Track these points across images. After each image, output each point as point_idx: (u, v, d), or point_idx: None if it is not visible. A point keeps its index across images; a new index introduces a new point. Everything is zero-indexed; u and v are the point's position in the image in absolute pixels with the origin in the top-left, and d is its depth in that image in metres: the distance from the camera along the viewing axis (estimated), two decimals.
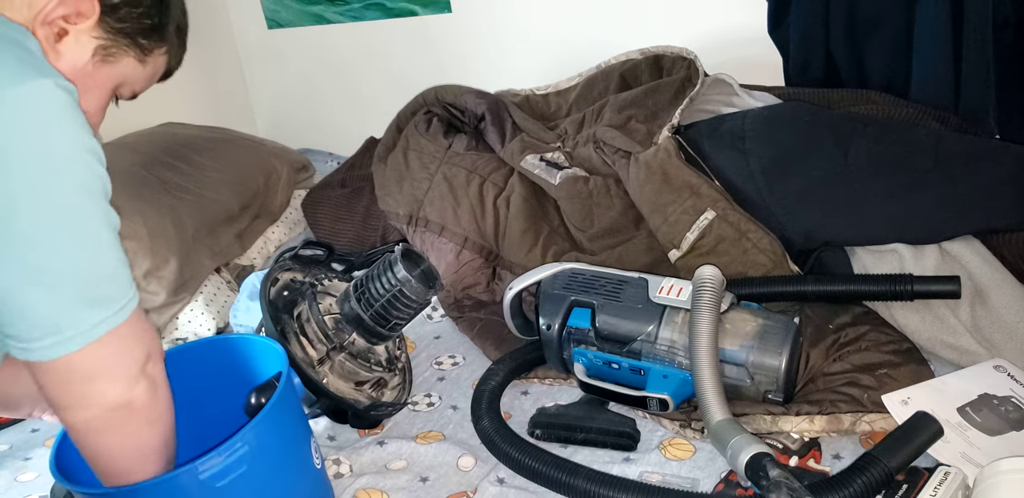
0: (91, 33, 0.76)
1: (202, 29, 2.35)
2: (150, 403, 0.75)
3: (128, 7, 0.77)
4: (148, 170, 1.56)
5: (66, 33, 0.74)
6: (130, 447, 0.75)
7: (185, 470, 0.74)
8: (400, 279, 1.10)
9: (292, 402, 0.90)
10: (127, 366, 0.72)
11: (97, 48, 0.77)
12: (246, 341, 0.99)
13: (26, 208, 0.64)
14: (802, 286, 1.16)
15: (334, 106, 2.41)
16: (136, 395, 0.73)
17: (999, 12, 1.31)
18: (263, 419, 0.80)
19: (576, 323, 1.10)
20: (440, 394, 1.20)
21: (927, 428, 0.88)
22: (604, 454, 1.02)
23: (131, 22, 0.78)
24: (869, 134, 1.24)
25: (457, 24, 2.11)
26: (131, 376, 0.72)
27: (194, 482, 0.75)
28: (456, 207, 1.47)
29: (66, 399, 0.71)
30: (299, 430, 0.90)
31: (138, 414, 0.74)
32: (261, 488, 0.82)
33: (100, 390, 0.71)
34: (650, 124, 1.39)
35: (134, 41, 0.79)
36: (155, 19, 0.80)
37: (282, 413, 0.85)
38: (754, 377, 1.01)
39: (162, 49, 0.84)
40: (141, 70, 0.83)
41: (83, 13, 0.74)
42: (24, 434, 1.22)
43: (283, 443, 0.86)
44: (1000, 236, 1.17)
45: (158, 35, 0.82)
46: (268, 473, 0.82)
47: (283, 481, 0.85)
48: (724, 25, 1.79)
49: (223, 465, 0.76)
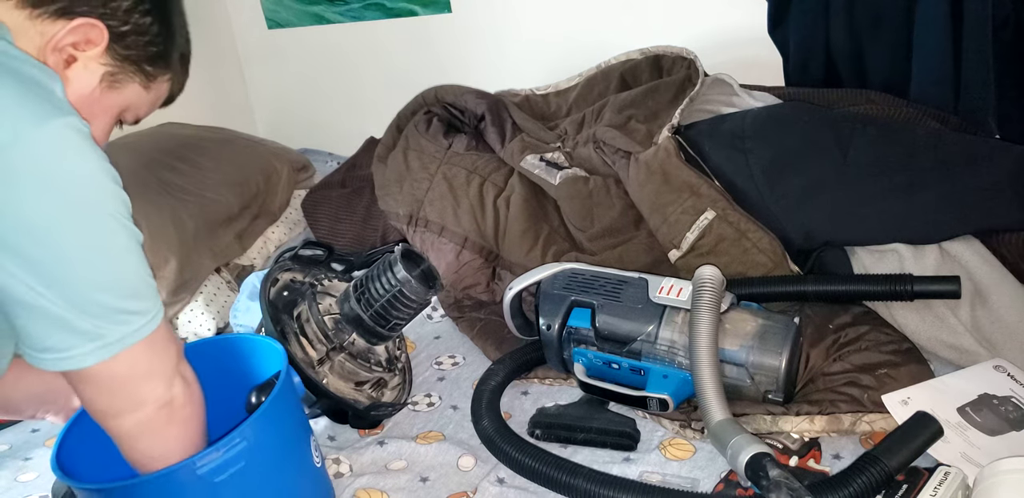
0: (99, 60, 0.78)
1: (202, 29, 2.36)
2: (187, 400, 0.78)
3: (135, 35, 0.79)
4: (148, 170, 1.56)
5: (75, 60, 0.76)
6: (177, 447, 0.78)
7: (183, 465, 0.75)
8: (400, 279, 1.10)
9: (291, 400, 0.90)
10: (165, 366, 0.76)
11: (104, 75, 0.79)
12: (247, 341, 0.99)
13: (69, 233, 0.68)
14: (802, 286, 1.16)
15: (334, 106, 2.41)
16: (175, 394, 0.77)
17: (999, 12, 1.31)
18: (262, 415, 0.81)
19: (576, 323, 1.10)
20: (440, 394, 1.20)
21: (927, 428, 0.88)
22: (604, 454, 1.02)
23: (137, 50, 0.80)
24: (869, 134, 1.24)
25: (457, 24, 2.11)
26: (168, 375, 0.76)
27: (192, 477, 0.76)
28: (456, 207, 1.47)
29: (116, 405, 0.75)
30: (298, 428, 0.90)
31: (178, 412, 0.77)
32: (260, 484, 0.82)
33: (147, 391, 0.75)
34: (650, 124, 1.39)
35: (140, 68, 0.81)
36: (160, 47, 0.83)
37: (281, 410, 0.85)
38: (754, 377, 1.01)
39: (166, 76, 0.86)
40: (145, 96, 0.85)
41: (92, 41, 0.76)
42: (24, 434, 1.22)
43: (282, 440, 0.86)
44: (1000, 236, 1.17)
45: (163, 62, 0.84)
46: (267, 469, 0.82)
47: (282, 478, 0.85)
48: (724, 25, 1.79)
49: (221, 460, 0.77)
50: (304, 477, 0.89)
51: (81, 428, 0.87)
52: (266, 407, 0.82)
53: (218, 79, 2.39)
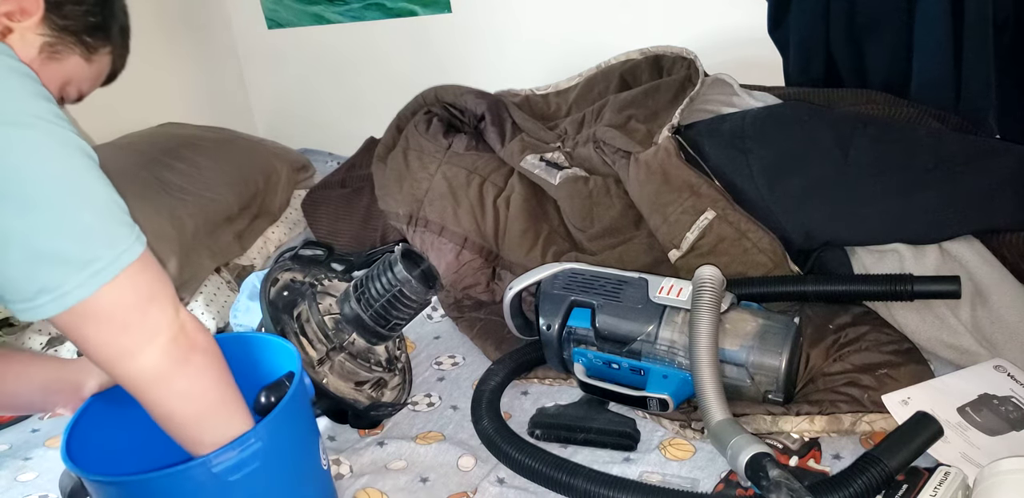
0: (36, 30, 0.77)
1: (202, 29, 2.37)
2: (199, 327, 0.74)
3: (72, 4, 0.79)
4: (148, 170, 1.56)
5: (11, 31, 0.75)
6: (208, 380, 0.74)
7: (199, 463, 0.74)
8: (400, 279, 1.10)
9: (304, 401, 0.89)
10: (167, 288, 0.72)
11: (43, 45, 0.78)
12: (256, 339, 0.98)
13: (27, 167, 0.65)
14: (802, 286, 1.16)
15: (334, 106, 2.41)
16: (184, 319, 0.72)
17: (999, 12, 1.31)
18: (277, 416, 0.80)
19: (576, 323, 1.10)
20: (440, 394, 1.20)
21: (927, 428, 0.87)
22: (604, 454, 1.02)
23: (75, 20, 0.80)
24: (869, 134, 1.24)
25: (457, 24, 2.11)
26: (173, 298, 0.72)
27: (207, 475, 0.74)
28: (456, 207, 1.47)
29: (129, 340, 0.70)
30: (310, 430, 0.90)
31: (195, 337, 0.73)
32: (273, 485, 0.81)
33: (157, 315, 0.70)
34: (650, 124, 1.39)
35: (79, 39, 0.81)
36: (99, 17, 0.82)
37: (295, 411, 0.84)
38: (754, 377, 1.01)
39: (107, 49, 0.86)
40: (87, 69, 0.84)
41: (27, 10, 0.75)
42: (24, 434, 1.22)
43: (295, 441, 0.85)
44: (1000, 236, 1.17)
45: (103, 34, 0.84)
46: (280, 471, 0.82)
47: (294, 480, 0.85)
48: (724, 25, 1.79)
49: (237, 459, 0.75)
50: (314, 480, 0.89)
51: (90, 419, 0.85)
52: (282, 408, 0.81)
53: (218, 79, 2.39)
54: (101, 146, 1.72)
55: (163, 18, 2.13)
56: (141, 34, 0.94)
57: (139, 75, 1.00)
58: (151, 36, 2.07)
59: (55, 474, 1.09)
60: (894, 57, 1.44)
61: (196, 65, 2.28)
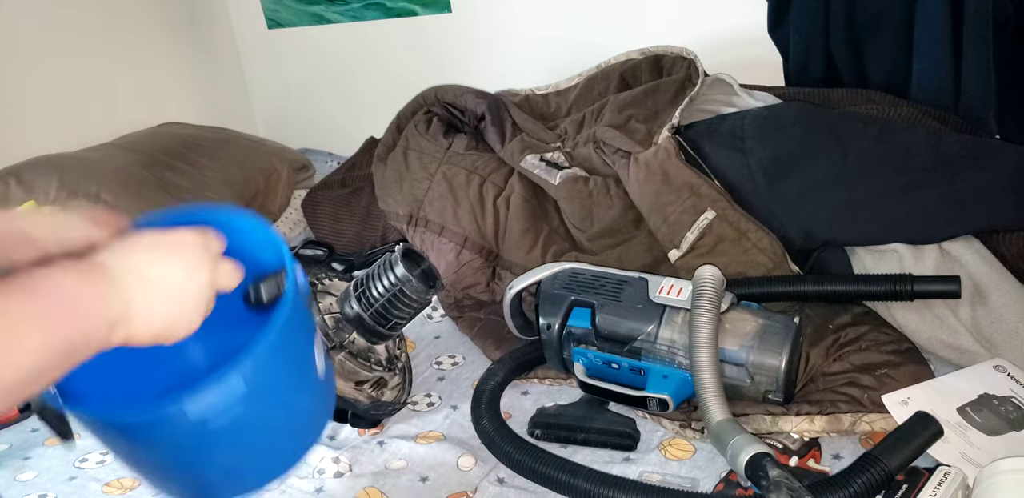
0: None
1: (202, 29, 2.37)
2: None
3: None
4: (148, 170, 1.56)
5: None
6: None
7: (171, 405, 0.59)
8: (400, 279, 1.10)
9: (301, 311, 0.69)
10: None
11: None
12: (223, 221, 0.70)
13: None
14: (802, 286, 1.16)
15: (334, 106, 2.41)
16: None
17: (999, 12, 1.31)
18: (267, 351, 0.62)
19: (576, 323, 1.10)
20: (440, 394, 1.20)
21: (927, 428, 0.87)
22: (604, 454, 1.02)
23: None
24: (869, 134, 1.24)
25: (457, 24, 2.11)
26: None
27: (182, 421, 0.60)
28: (456, 207, 1.47)
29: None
30: (306, 337, 0.71)
31: None
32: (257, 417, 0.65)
33: None
34: (650, 124, 1.39)
35: None
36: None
37: (290, 333, 0.65)
38: (754, 377, 1.01)
39: None
40: None
41: None
42: (24, 434, 1.21)
43: (288, 367, 0.68)
44: (1000, 236, 1.17)
45: None
46: (267, 405, 0.66)
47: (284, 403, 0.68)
48: (724, 25, 1.79)
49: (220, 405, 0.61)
50: (311, 387, 0.72)
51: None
52: (272, 341, 0.61)
53: (218, 79, 2.39)
54: (101, 146, 1.73)
55: (163, 18, 2.13)
56: (142, 34, 0.93)
57: (139, 75, 1.00)
58: (152, 37, 2.07)
59: (55, 474, 1.10)
60: (894, 57, 1.44)
61: (196, 65, 2.28)
